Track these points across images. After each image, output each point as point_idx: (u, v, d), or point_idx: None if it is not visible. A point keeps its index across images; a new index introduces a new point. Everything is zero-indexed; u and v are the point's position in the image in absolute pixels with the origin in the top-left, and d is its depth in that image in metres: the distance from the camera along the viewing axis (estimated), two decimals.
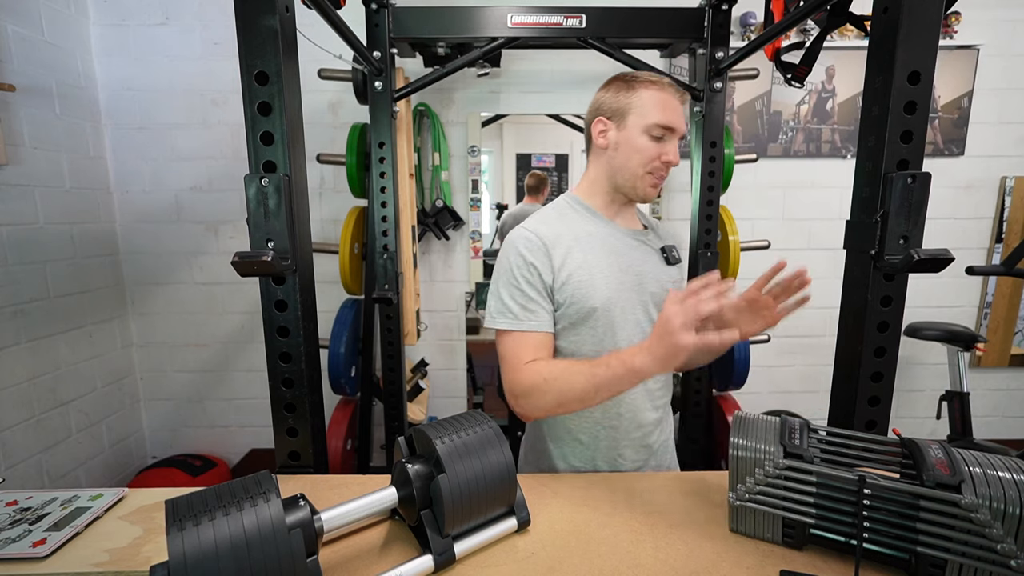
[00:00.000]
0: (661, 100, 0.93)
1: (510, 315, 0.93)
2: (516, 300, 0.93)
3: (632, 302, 0.96)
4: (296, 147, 0.91)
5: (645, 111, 0.93)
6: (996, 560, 0.57)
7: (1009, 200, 2.38)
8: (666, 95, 0.94)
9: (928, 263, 0.82)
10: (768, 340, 2.14)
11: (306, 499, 0.61)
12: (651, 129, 0.93)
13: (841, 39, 2.28)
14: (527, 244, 0.94)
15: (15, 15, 1.83)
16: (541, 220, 0.99)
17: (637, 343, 0.91)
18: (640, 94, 0.94)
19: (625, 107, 0.95)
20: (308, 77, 1.35)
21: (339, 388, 2.09)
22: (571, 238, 0.96)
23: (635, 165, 0.95)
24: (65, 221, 2.02)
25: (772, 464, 0.68)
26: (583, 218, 1.00)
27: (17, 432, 1.84)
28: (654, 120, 0.93)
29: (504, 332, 0.94)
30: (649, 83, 0.95)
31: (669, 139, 0.95)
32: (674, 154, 0.95)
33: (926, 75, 0.83)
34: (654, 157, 0.94)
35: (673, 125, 0.94)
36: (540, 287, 0.93)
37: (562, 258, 0.93)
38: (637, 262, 0.99)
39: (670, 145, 0.95)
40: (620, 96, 0.96)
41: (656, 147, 0.94)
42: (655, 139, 0.94)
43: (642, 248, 1.02)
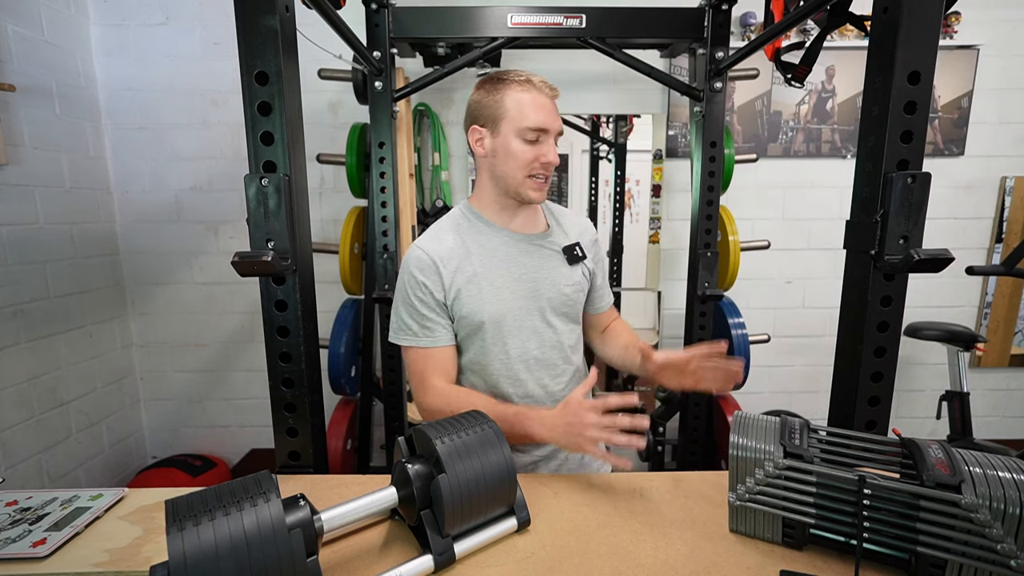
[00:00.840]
0: (530, 102, 0.92)
1: (409, 332, 0.96)
2: (413, 319, 0.95)
3: (527, 310, 0.97)
4: (296, 147, 0.91)
5: (516, 115, 0.92)
6: (996, 560, 0.57)
7: (1009, 200, 2.38)
8: (534, 95, 0.92)
9: (928, 263, 0.82)
10: (768, 340, 2.14)
11: (306, 499, 0.61)
12: (524, 133, 0.92)
13: (841, 39, 2.28)
14: (417, 263, 0.95)
15: (15, 15, 1.83)
16: (434, 236, 0.99)
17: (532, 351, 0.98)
18: (509, 98, 0.92)
19: (496, 113, 0.94)
20: (308, 77, 1.35)
21: (339, 388, 2.09)
22: (462, 252, 0.96)
23: (514, 170, 0.94)
24: (65, 221, 2.02)
25: (772, 464, 0.68)
26: (475, 229, 1.00)
27: (17, 432, 1.84)
28: (525, 124, 0.91)
29: (407, 348, 0.97)
30: (516, 84, 0.93)
31: (544, 139, 0.94)
32: (552, 154, 0.94)
33: (926, 75, 0.83)
34: (531, 160, 0.93)
35: (545, 126, 0.93)
36: (433, 304, 0.94)
37: (452, 274, 0.94)
38: (533, 268, 0.99)
39: (546, 146, 0.94)
40: (490, 100, 0.94)
41: (532, 150, 0.93)
42: (530, 142, 0.93)
43: (540, 252, 1.01)
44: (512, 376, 0.98)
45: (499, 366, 0.97)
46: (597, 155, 2.51)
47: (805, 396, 2.56)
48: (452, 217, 1.04)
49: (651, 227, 2.42)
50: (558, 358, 1.02)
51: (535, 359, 0.99)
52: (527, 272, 0.98)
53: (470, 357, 0.99)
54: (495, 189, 0.99)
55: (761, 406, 2.47)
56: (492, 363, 0.97)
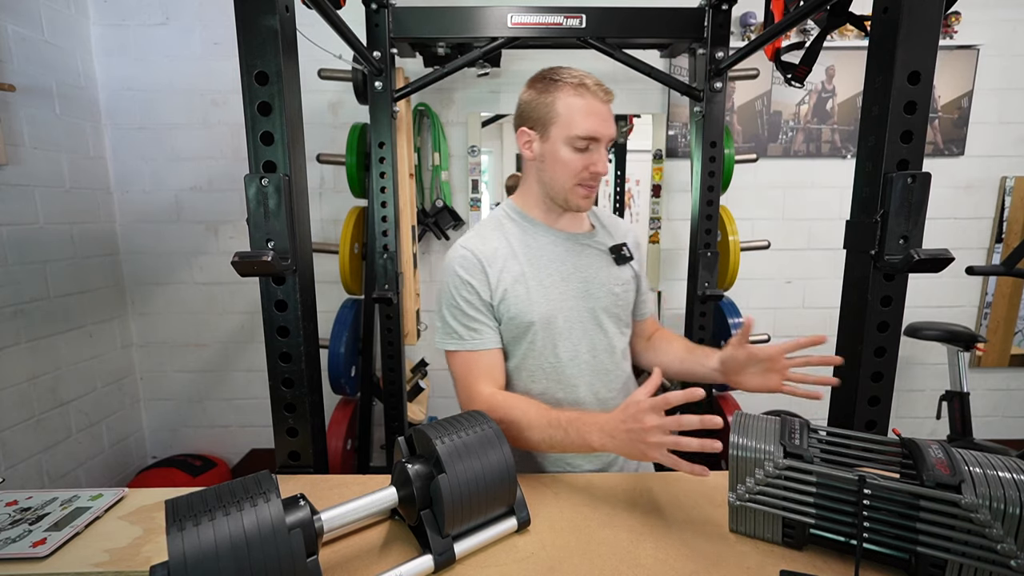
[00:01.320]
0: (583, 108, 0.88)
1: (455, 336, 0.92)
2: (459, 320, 0.92)
3: (577, 311, 0.95)
4: (296, 147, 0.91)
5: (566, 122, 0.88)
6: (996, 560, 0.57)
7: (1009, 200, 2.38)
8: (588, 100, 0.88)
9: (928, 263, 0.82)
10: (768, 340, 2.14)
11: (306, 499, 0.61)
12: (574, 141, 0.88)
13: (841, 39, 2.28)
14: (463, 263, 0.92)
15: (15, 15, 1.83)
16: (477, 235, 0.96)
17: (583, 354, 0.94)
18: (560, 103, 0.88)
19: (546, 116, 0.90)
20: (308, 77, 1.35)
21: (339, 388, 2.09)
22: (508, 251, 0.94)
23: (562, 178, 0.91)
24: (65, 221, 2.02)
25: (772, 464, 0.68)
26: (520, 228, 0.97)
27: (17, 432, 1.84)
28: (575, 132, 0.88)
29: (452, 353, 0.93)
30: (569, 86, 0.88)
31: (595, 148, 0.90)
32: (601, 164, 0.90)
33: (926, 75, 0.83)
34: (580, 169, 0.90)
35: (597, 134, 0.88)
36: (480, 305, 0.92)
37: (498, 274, 0.92)
38: (582, 267, 0.96)
39: (596, 154, 0.90)
40: (541, 102, 0.91)
41: (581, 159, 0.90)
42: (580, 150, 0.89)
43: (587, 251, 0.98)
44: (563, 381, 0.94)
45: (549, 370, 0.94)
46: None
47: None
48: (495, 217, 1.01)
49: (651, 227, 2.42)
50: (610, 363, 0.98)
51: (586, 363, 0.95)
52: (576, 271, 0.95)
53: (517, 362, 0.95)
54: (541, 192, 0.97)
55: (761, 406, 2.47)
56: (541, 367, 0.94)
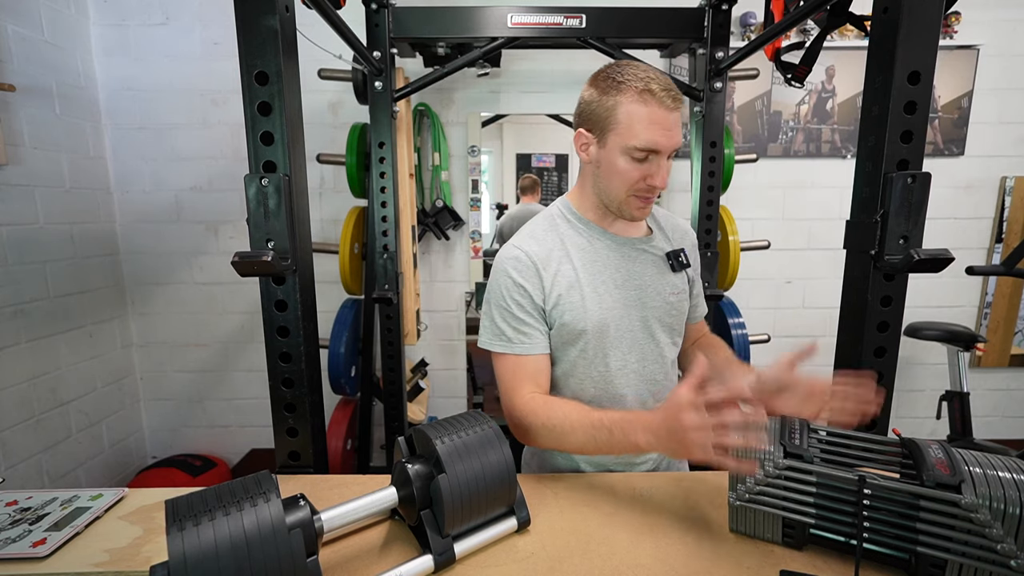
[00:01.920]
0: (645, 117, 0.81)
1: (504, 339, 0.90)
2: (508, 323, 0.89)
3: (630, 319, 0.92)
4: (296, 147, 0.91)
5: (626, 130, 0.82)
6: (996, 560, 0.57)
7: (1009, 200, 2.38)
8: (651, 109, 0.80)
9: (928, 263, 0.82)
10: (768, 340, 2.14)
11: (306, 499, 0.61)
12: (632, 152, 0.82)
13: (841, 39, 2.28)
14: (516, 265, 0.89)
15: (15, 15, 1.83)
16: (531, 235, 0.93)
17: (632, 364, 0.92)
18: (623, 108, 0.82)
19: (606, 121, 0.84)
20: (308, 77, 1.34)
21: (339, 388, 2.09)
22: (562, 254, 0.91)
23: (617, 188, 0.87)
24: (65, 221, 2.02)
25: (772, 464, 0.68)
26: (575, 230, 0.94)
27: (17, 432, 1.84)
28: (634, 143, 0.81)
29: (498, 355, 0.91)
30: (634, 91, 0.81)
31: (655, 159, 0.84)
32: (660, 176, 0.84)
33: (926, 75, 0.83)
34: (637, 180, 0.85)
35: (657, 146, 0.82)
36: (532, 309, 0.89)
37: (552, 277, 0.89)
38: (636, 274, 0.93)
39: (655, 166, 0.84)
40: (602, 104, 0.84)
41: (639, 169, 0.84)
42: (638, 161, 0.83)
43: (642, 257, 0.95)
44: (610, 391, 0.92)
45: (598, 378, 0.92)
46: None
47: None
48: (549, 216, 0.96)
49: None
50: (660, 373, 0.95)
51: (635, 372, 0.93)
52: (630, 279, 0.92)
53: (566, 368, 0.93)
54: (595, 196, 0.92)
55: None
56: (590, 375, 0.92)
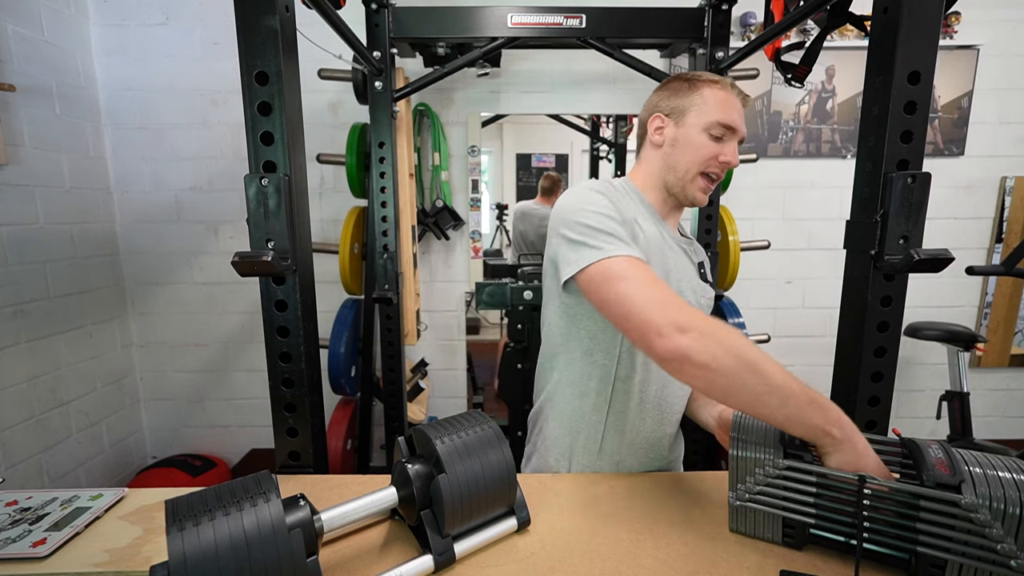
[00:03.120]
0: (723, 99, 0.90)
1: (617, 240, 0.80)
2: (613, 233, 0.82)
3: None
4: (296, 147, 0.91)
5: (706, 109, 0.90)
6: (996, 560, 0.57)
7: (1009, 200, 2.38)
8: (728, 95, 0.91)
9: (928, 263, 0.82)
10: (768, 340, 2.14)
11: (306, 499, 0.61)
12: (712, 127, 0.90)
13: (841, 39, 2.28)
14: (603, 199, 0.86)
15: (15, 15, 1.83)
16: (604, 190, 0.90)
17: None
18: (702, 93, 0.91)
19: (685, 105, 0.92)
20: (308, 77, 1.34)
21: (339, 388, 2.09)
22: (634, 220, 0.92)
23: (690, 163, 0.92)
24: (65, 221, 2.02)
25: (772, 464, 0.68)
26: (640, 209, 0.95)
27: (17, 432, 1.83)
28: (715, 118, 0.90)
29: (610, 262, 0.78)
30: (711, 82, 0.92)
31: (729, 139, 0.91)
32: (733, 154, 0.91)
33: (926, 75, 0.83)
34: (712, 156, 0.91)
35: (735, 125, 0.90)
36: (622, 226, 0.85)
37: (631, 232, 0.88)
38: (680, 268, 0.95)
39: (729, 146, 0.91)
40: (680, 94, 0.93)
41: (715, 146, 0.91)
42: (714, 138, 0.91)
43: (684, 258, 0.98)
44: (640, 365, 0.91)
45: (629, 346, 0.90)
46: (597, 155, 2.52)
47: None
48: (616, 187, 0.95)
49: None
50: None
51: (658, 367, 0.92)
52: (674, 271, 0.94)
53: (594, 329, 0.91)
54: (660, 180, 0.96)
55: None
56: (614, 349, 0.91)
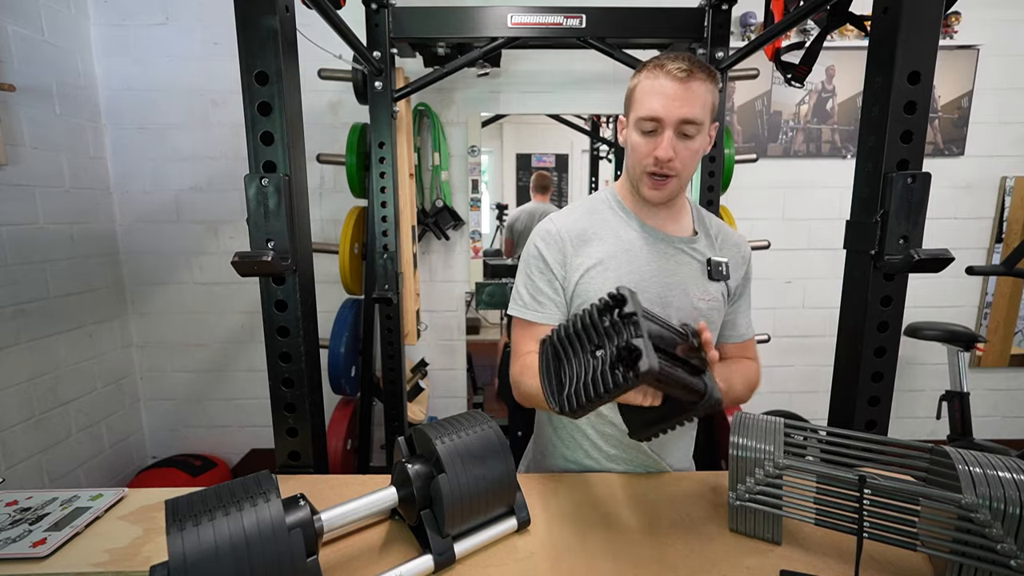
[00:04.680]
0: (650, 88, 0.83)
1: (520, 303, 0.95)
2: (528, 290, 0.94)
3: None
4: (296, 147, 0.91)
5: (636, 104, 0.86)
6: (996, 560, 0.57)
7: (1009, 200, 2.38)
8: (657, 81, 0.83)
9: (928, 263, 0.82)
10: (768, 340, 2.14)
11: (306, 499, 0.61)
12: (640, 124, 0.85)
13: (841, 39, 2.28)
14: (545, 236, 0.93)
15: (15, 15, 1.83)
16: (568, 213, 0.96)
17: None
18: (639, 85, 0.86)
19: (628, 101, 0.89)
20: (308, 77, 1.34)
21: (339, 388, 2.09)
22: (595, 236, 0.92)
23: (633, 165, 0.89)
24: (65, 221, 2.02)
25: (772, 464, 0.68)
26: (615, 218, 0.95)
27: (17, 432, 1.83)
28: (639, 113, 0.84)
29: (514, 319, 0.96)
30: (647, 69, 0.85)
31: (661, 131, 0.83)
32: (664, 147, 0.83)
33: (926, 75, 0.83)
34: (645, 155, 0.86)
35: (655, 115, 0.82)
36: (551, 279, 0.92)
37: (580, 256, 0.91)
38: (666, 272, 0.91)
39: (660, 139, 0.83)
40: (629, 87, 0.89)
41: (646, 143, 0.85)
42: (645, 134, 0.85)
43: (679, 257, 0.93)
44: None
45: None
46: (597, 155, 2.52)
47: (805, 396, 2.56)
48: (593, 199, 0.99)
49: None
50: None
51: None
52: (658, 275, 0.91)
53: None
54: (629, 182, 0.94)
55: (761, 406, 2.47)
56: None
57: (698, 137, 0.85)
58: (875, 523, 0.64)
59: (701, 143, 0.86)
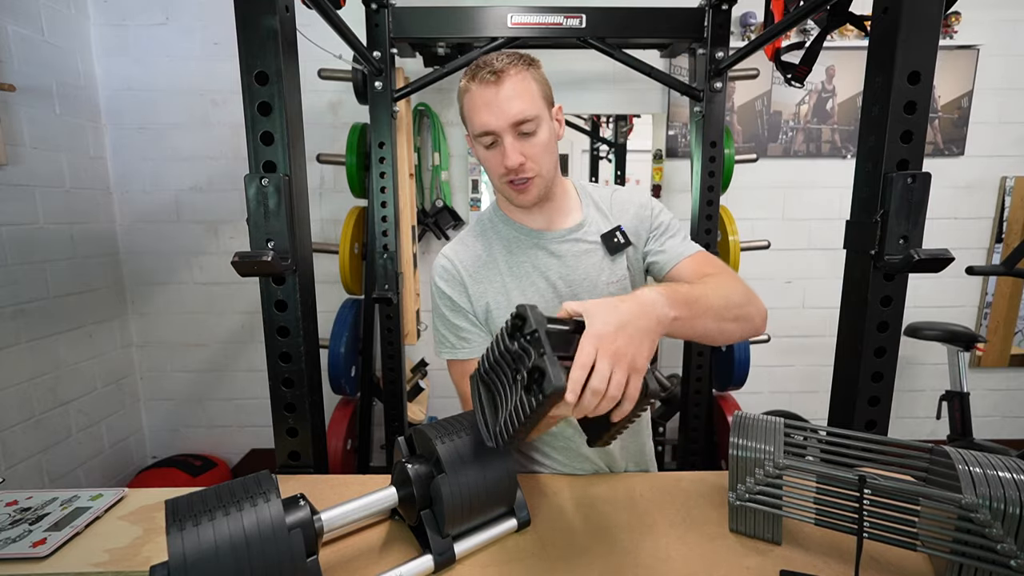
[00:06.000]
0: (470, 103, 0.81)
1: (447, 345, 0.91)
2: (448, 329, 0.91)
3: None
4: (296, 147, 0.91)
5: (468, 123, 0.83)
6: (996, 560, 0.57)
7: (1009, 200, 2.38)
8: (475, 93, 0.79)
9: (928, 263, 0.82)
10: (768, 340, 2.14)
11: (306, 499, 0.61)
12: (480, 140, 0.82)
13: (841, 39, 2.28)
14: (443, 273, 0.91)
15: (15, 15, 1.83)
16: (461, 242, 0.94)
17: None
18: (461, 102, 0.84)
19: (463, 121, 0.86)
20: (308, 77, 1.35)
21: (339, 388, 2.09)
22: (488, 259, 0.91)
23: (493, 179, 0.87)
24: (65, 221, 2.02)
25: (772, 464, 0.68)
26: (501, 234, 0.93)
27: (17, 432, 1.83)
28: (473, 131, 0.82)
29: (448, 360, 0.93)
30: (464, 82, 0.82)
31: (500, 140, 0.80)
32: (510, 156, 0.79)
33: (926, 75, 0.83)
34: (497, 166, 0.83)
35: (487, 128, 0.79)
36: (464, 314, 0.90)
37: (479, 286, 0.89)
38: (567, 271, 0.90)
39: (503, 148, 0.80)
40: (459, 106, 0.85)
41: (493, 156, 0.82)
42: (488, 148, 0.82)
43: (574, 249, 0.90)
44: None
45: None
46: (597, 155, 2.51)
47: (805, 396, 2.56)
48: (480, 220, 0.97)
49: None
50: None
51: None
52: (562, 276, 0.89)
53: None
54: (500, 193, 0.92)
55: (761, 406, 2.47)
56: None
57: (540, 131, 0.81)
58: (875, 523, 0.64)
59: (546, 134, 0.82)
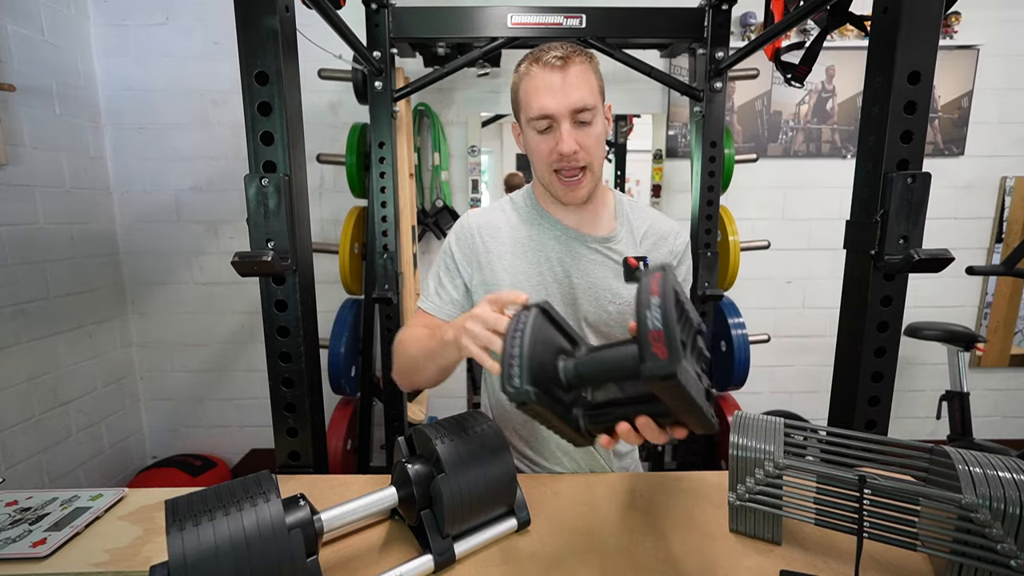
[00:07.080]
0: (532, 86, 0.81)
1: (426, 291, 0.96)
2: (433, 279, 0.96)
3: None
4: (296, 147, 0.91)
5: (525, 106, 0.83)
6: (996, 560, 0.57)
7: (1009, 200, 2.38)
8: (538, 76, 0.80)
9: (928, 263, 0.82)
10: (768, 340, 2.14)
11: (306, 499, 0.61)
12: (533, 124, 0.82)
13: (841, 39, 2.28)
14: (458, 230, 0.95)
15: (15, 15, 1.83)
16: (486, 209, 0.98)
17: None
18: (521, 85, 0.83)
19: (517, 105, 0.86)
20: (308, 77, 1.34)
21: (339, 388, 2.09)
22: (508, 236, 0.92)
23: (539, 168, 0.86)
24: (65, 221, 2.02)
25: (772, 464, 0.68)
26: (527, 217, 0.93)
27: (17, 432, 1.83)
28: (530, 114, 0.82)
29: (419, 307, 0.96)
30: (525, 65, 0.83)
31: (557, 126, 0.81)
32: (565, 142, 0.80)
33: (926, 75, 0.83)
34: (548, 153, 0.83)
35: (546, 112, 0.80)
36: (456, 275, 0.93)
37: (489, 254, 0.91)
38: (576, 273, 0.89)
39: (559, 133, 0.81)
40: (513, 90, 0.87)
41: (546, 141, 0.82)
42: (541, 132, 0.83)
43: (592, 257, 0.90)
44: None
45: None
46: None
47: (805, 396, 2.56)
48: (512, 197, 0.99)
49: None
50: None
51: None
52: (571, 276, 0.89)
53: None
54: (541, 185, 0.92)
55: (761, 406, 2.47)
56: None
57: (595, 122, 0.82)
58: (875, 523, 0.64)
59: (600, 127, 0.83)
